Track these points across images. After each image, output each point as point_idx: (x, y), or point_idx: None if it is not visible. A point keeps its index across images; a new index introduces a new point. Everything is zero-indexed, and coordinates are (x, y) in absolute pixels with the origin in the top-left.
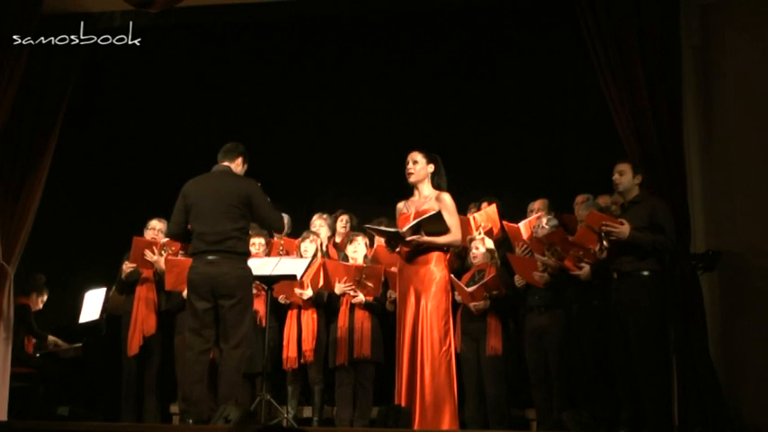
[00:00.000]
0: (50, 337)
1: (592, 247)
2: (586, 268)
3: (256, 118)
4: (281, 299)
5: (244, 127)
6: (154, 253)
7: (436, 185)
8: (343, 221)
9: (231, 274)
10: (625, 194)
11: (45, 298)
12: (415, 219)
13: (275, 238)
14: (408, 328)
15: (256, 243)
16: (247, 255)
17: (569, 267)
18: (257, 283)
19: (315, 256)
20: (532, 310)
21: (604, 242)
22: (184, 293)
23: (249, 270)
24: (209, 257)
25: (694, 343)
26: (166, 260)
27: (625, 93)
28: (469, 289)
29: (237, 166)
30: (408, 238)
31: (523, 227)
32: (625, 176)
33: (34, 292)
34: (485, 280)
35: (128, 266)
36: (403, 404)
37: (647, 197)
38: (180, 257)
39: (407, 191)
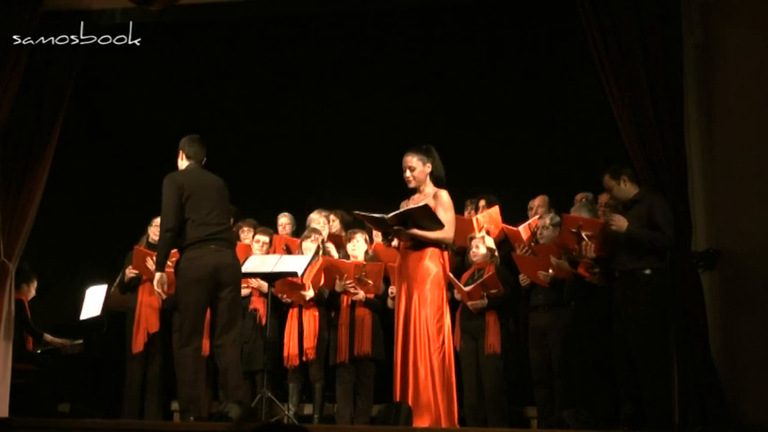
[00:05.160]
0: (46, 336)
1: (574, 248)
2: (599, 274)
3: (257, 116)
4: (282, 297)
5: (244, 126)
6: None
7: (435, 179)
8: (336, 222)
9: (234, 265)
10: (626, 200)
11: (35, 284)
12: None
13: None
14: (401, 325)
15: (260, 240)
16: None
17: (583, 274)
18: (258, 280)
19: (316, 254)
20: (536, 309)
21: (584, 242)
22: None
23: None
24: (215, 247)
25: (695, 341)
26: (168, 273)
27: (626, 91)
28: (467, 288)
29: (204, 162)
30: (395, 228)
31: (523, 230)
32: (614, 189)
33: (23, 283)
34: (482, 279)
35: (130, 271)
36: (397, 400)
37: (647, 195)
38: None
39: (408, 189)
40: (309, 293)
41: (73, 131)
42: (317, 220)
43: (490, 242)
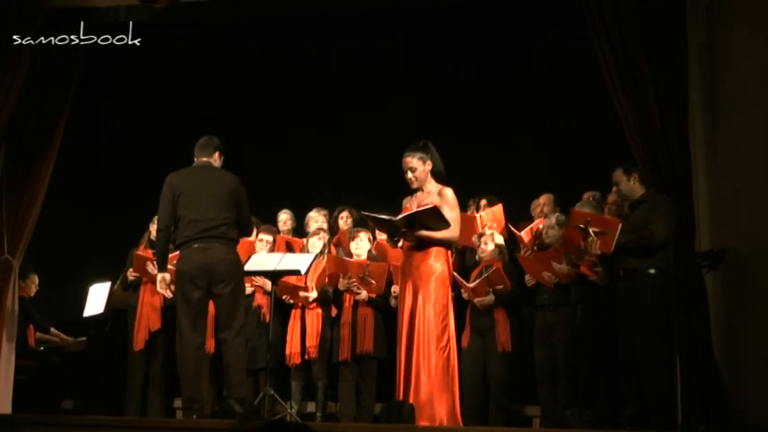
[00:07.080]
0: (53, 330)
1: (581, 243)
2: (602, 272)
3: (259, 115)
4: (285, 299)
5: (246, 124)
6: (155, 267)
7: (436, 175)
8: (344, 218)
9: (227, 259)
10: (631, 198)
11: (36, 280)
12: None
13: (281, 234)
14: (405, 323)
15: (264, 239)
16: (237, 242)
17: (586, 273)
18: (261, 278)
19: (321, 252)
20: (542, 308)
21: (591, 238)
22: None
23: (240, 257)
24: (203, 245)
25: (698, 341)
26: (171, 272)
27: (630, 91)
28: (471, 285)
29: (215, 160)
30: (403, 229)
31: (525, 234)
32: (622, 184)
33: (21, 280)
34: (486, 274)
35: (132, 274)
36: (400, 398)
37: (652, 195)
38: None
39: (410, 188)
40: (312, 295)
41: (76, 129)
42: (314, 218)
43: (499, 239)
